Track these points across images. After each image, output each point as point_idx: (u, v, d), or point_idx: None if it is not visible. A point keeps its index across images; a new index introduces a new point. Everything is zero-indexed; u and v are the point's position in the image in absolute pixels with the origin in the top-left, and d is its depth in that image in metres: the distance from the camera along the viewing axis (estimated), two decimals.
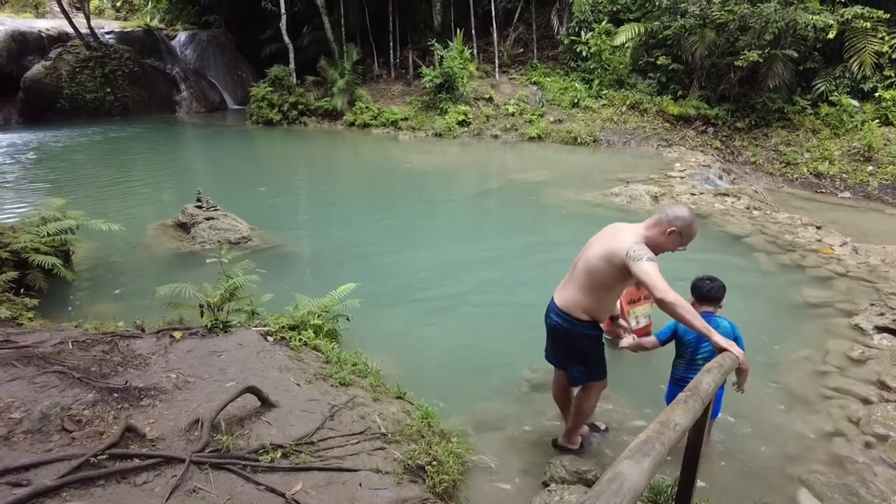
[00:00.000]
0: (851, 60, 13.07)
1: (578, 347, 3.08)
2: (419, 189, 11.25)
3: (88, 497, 2.21)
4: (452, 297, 6.02)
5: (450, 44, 16.95)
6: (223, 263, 4.55)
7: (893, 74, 12.93)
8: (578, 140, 14.56)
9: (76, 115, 18.79)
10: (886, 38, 12.79)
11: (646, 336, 4.54)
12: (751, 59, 12.89)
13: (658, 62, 15.29)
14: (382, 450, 2.99)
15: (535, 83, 17.29)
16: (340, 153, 15.35)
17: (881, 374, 4.31)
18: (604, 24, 16.30)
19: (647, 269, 2.63)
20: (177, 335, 4.01)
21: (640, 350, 4.04)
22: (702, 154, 13.22)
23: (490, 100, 16.80)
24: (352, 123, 17.10)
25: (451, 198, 10.48)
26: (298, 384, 3.50)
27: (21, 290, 5.09)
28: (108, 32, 21.40)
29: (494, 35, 18.27)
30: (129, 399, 3.06)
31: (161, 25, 24.79)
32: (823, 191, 11.98)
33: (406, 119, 16.68)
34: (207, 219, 7.45)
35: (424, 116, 16.65)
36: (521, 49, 19.14)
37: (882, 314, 5.25)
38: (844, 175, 12.02)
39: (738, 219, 8.42)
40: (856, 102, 13.11)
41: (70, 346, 3.67)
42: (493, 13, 18.17)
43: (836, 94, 13.30)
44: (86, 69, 19.01)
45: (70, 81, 18.68)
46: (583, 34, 16.66)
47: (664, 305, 2.61)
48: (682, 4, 14.26)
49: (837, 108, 13.15)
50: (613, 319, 3.42)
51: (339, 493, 2.59)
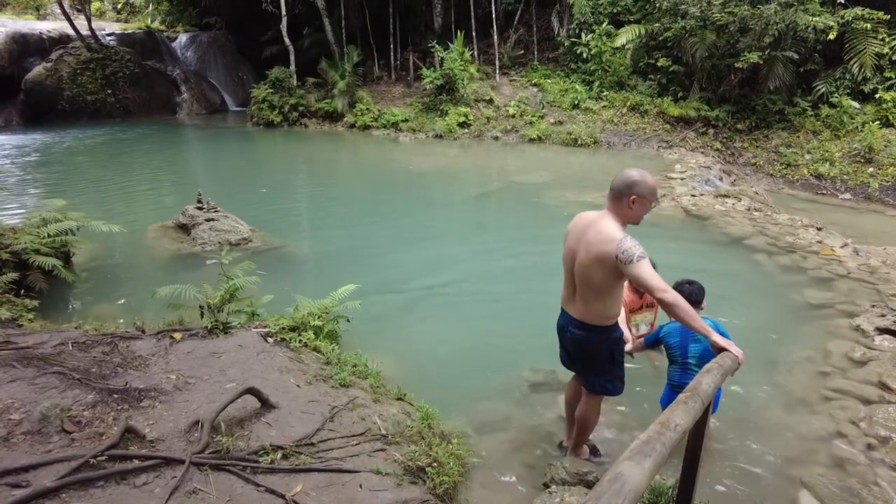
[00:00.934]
0: (852, 62, 13.07)
1: (607, 358, 2.99)
2: (420, 191, 11.24)
3: (88, 498, 2.21)
4: (453, 299, 6.02)
5: (450, 45, 16.95)
6: (223, 265, 4.55)
7: (894, 76, 12.93)
8: (579, 142, 14.56)
9: (77, 117, 18.80)
10: (887, 40, 12.79)
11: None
12: (751, 61, 12.89)
13: (658, 64, 15.29)
14: (383, 451, 2.99)
15: (536, 85, 17.30)
16: (341, 155, 15.35)
17: (882, 376, 4.31)
18: (604, 26, 16.31)
19: (642, 272, 2.57)
20: (177, 336, 4.01)
21: (640, 351, 4.07)
22: (702, 155, 13.21)
23: (490, 101, 16.81)
24: (352, 125, 17.10)
25: (452, 199, 10.48)
26: (298, 385, 3.50)
27: (21, 292, 5.09)
28: (109, 34, 21.40)
29: (495, 37, 18.28)
30: (129, 400, 3.05)
31: (162, 27, 24.82)
32: (824, 192, 11.97)
33: (406, 121, 16.68)
34: (208, 220, 7.45)
35: (425, 118, 16.65)
36: (522, 51, 19.14)
37: (883, 315, 5.24)
38: (845, 176, 12.01)
39: (739, 220, 8.41)
40: (856, 104, 13.11)
41: (70, 348, 3.67)
42: (494, 15, 18.17)
43: (837, 96, 13.30)
44: (87, 71, 19.02)
45: (71, 83, 18.68)
46: (583, 36, 16.67)
47: (663, 304, 2.60)
48: (683, 6, 14.26)
49: (838, 110, 13.15)
50: None
51: (340, 495, 2.58)
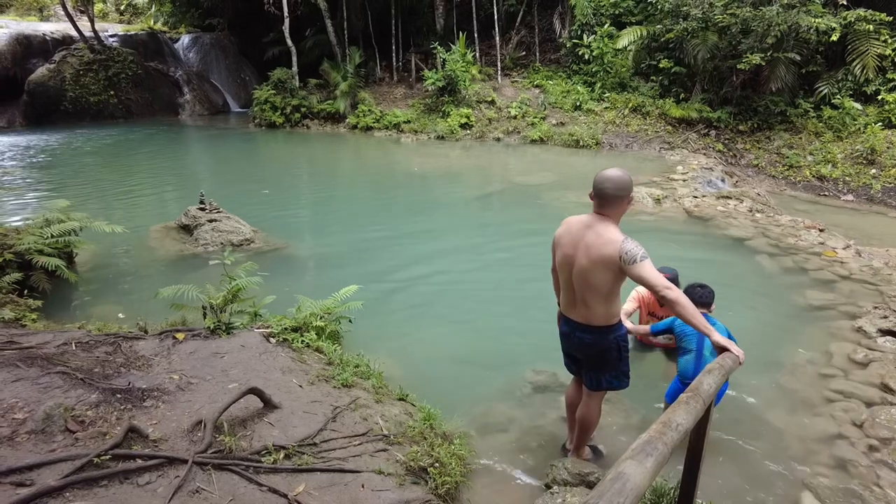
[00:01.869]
0: (854, 63, 13.06)
1: (616, 356, 3.02)
2: (422, 191, 11.25)
3: (92, 497, 2.22)
4: (455, 299, 6.02)
5: (452, 47, 16.97)
6: (226, 265, 4.56)
7: None
8: (581, 143, 14.56)
9: (80, 118, 18.85)
10: (889, 41, 12.78)
11: (665, 346, 4.64)
12: (753, 63, 12.88)
13: (660, 65, 15.30)
14: (385, 451, 2.99)
15: (538, 86, 17.31)
16: (343, 156, 15.37)
17: (885, 377, 4.30)
18: (606, 28, 16.33)
19: (645, 272, 2.63)
20: (179, 337, 4.02)
21: (638, 335, 4.19)
22: (704, 157, 13.21)
23: (492, 103, 16.82)
24: (354, 126, 17.13)
25: (454, 200, 10.48)
26: (301, 386, 3.50)
27: (25, 292, 5.10)
28: (112, 35, 21.44)
29: (497, 38, 18.30)
30: (132, 400, 3.06)
31: (165, 28, 24.89)
32: (826, 194, 11.95)
33: (408, 122, 16.70)
34: (210, 221, 7.46)
35: (427, 119, 16.67)
36: (524, 52, 19.16)
37: (885, 317, 5.24)
38: (847, 178, 12.00)
39: (741, 221, 8.40)
40: (858, 105, 13.10)
41: (73, 348, 3.68)
42: (496, 16, 18.19)
43: (839, 97, 13.29)
44: (90, 72, 19.08)
45: (74, 84, 18.73)
46: (585, 37, 16.68)
47: (665, 301, 2.61)
48: (685, 7, 14.27)
49: (840, 111, 13.14)
50: None
51: (342, 495, 2.59)
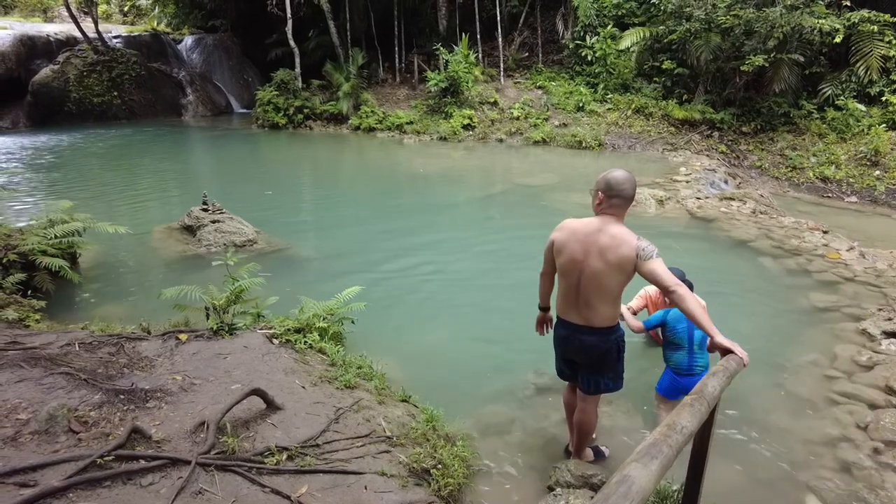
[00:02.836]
0: (858, 64, 13.04)
1: (615, 357, 3.02)
2: (424, 192, 11.25)
3: (95, 498, 2.22)
4: (458, 301, 6.02)
5: (455, 48, 16.97)
6: (229, 266, 4.56)
7: None
8: (583, 144, 14.55)
9: (83, 119, 18.89)
10: (893, 42, 12.75)
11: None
12: (756, 64, 12.86)
13: (663, 66, 15.29)
14: (387, 453, 2.99)
15: (540, 87, 17.31)
16: (346, 157, 15.38)
17: (889, 380, 4.28)
18: (609, 29, 16.32)
19: (658, 268, 2.66)
20: (182, 337, 4.02)
21: (640, 332, 4.25)
22: (707, 158, 13.18)
23: (495, 104, 16.81)
24: (357, 127, 17.13)
25: (456, 201, 10.48)
26: (304, 387, 3.50)
27: (28, 292, 5.11)
28: (116, 37, 21.49)
29: (499, 39, 18.31)
30: (135, 401, 3.06)
31: (168, 30, 24.95)
32: (830, 195, 11.92)
33: (411, 123, 16.71)
34: (213, 222, 7.47)
35: (429, 120, 16.68)
36: (526, 53, 19.16)
37: (890, 319, 5.22)
38: (851, 180, 11.96)
39: (744, 223, 8.38)
40: (862, 107, 13.06)
41: (76, 348, 3.69)
42: (498, 18, 18.20)
43: (843, 99, 13.26)
44: (93, 73, 19.12)
45: (77, 85, 18.78)
46: (588, 38, 16.68)
47: (675, 298, 2.61)
48: (688, 9, 14.26)
49: (844, 113, 13.10)
50: None
51: (345, 496, 2.58)
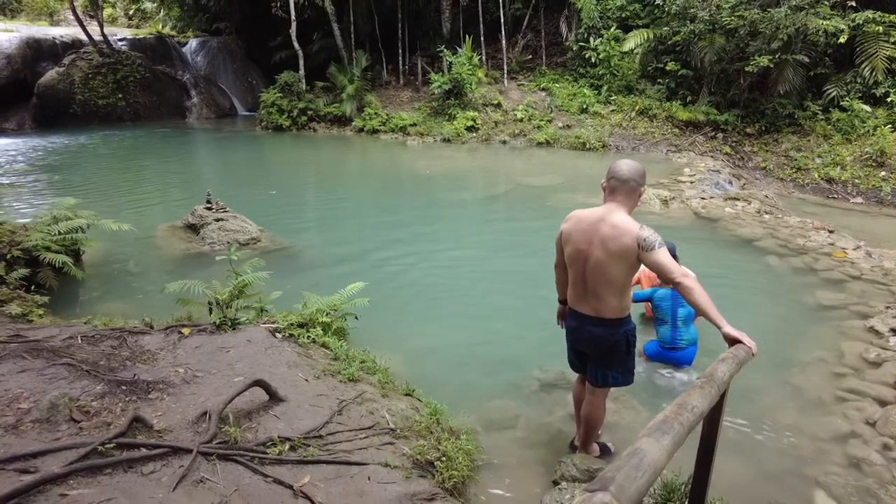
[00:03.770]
0: (863, 65, 12.97)
1: (624, 350, 2.97)
2: (428, 193, 11.24)
3: (96, 485, 2.20)
4: (461, 297, 6.00)
5: (458, 50, 16.98)
6: (232, 261, 4.55)
7: None
8: (587, 145, 14.52)
9: (88, 121, 18.98)
10: None
11: None
12: (761, 65, 12.81)
13: (667, 68, 15.24)
14: (391, 445, 2.96)
15: (544, 89, 17.30)
16: (349, 158, 15.39)
17: None
18: (613, 31, 16.30)
19: (662, 258, 2.62)
20: (185, 331, 4.00)
21: None
22: (711, 159, 13.13)
23: (498, 106, 16.81)
24: (361, 129, 17.15)
25: (460, 201, 10.46)
26: (307, 380, 3.48)
27: (32, 288, 5.11)
28: (121, 39, 21.63)
29: (503, 42, 18.32)
30: (137, 392, 3.04)
31: (173, 32, 25.08)
32: (835, 196, 11.85)
33: (415, 125, 16.72)
34: (217, 220, 7.47)
35: (433, 122, 16.68)
36: (530, 55, 19.16)
37: None
38: (856, 180, 11.89)
39: (749, 222, 8.33)
40: (868, 107, 12.99)
41: (79, 341, 3.68)
42: (502, 20, 18.21)
43: (848, 100, 13.18)
44: (98, 75, 19.23)
45: (83, 87, 18.89)
46: (591, 40, 16.66)
47: (681, 288, 2.58)
48: (692, 10, 14.23)
49: (849, 114, 13.04)
50: None
51: (348, 487, 2.56)
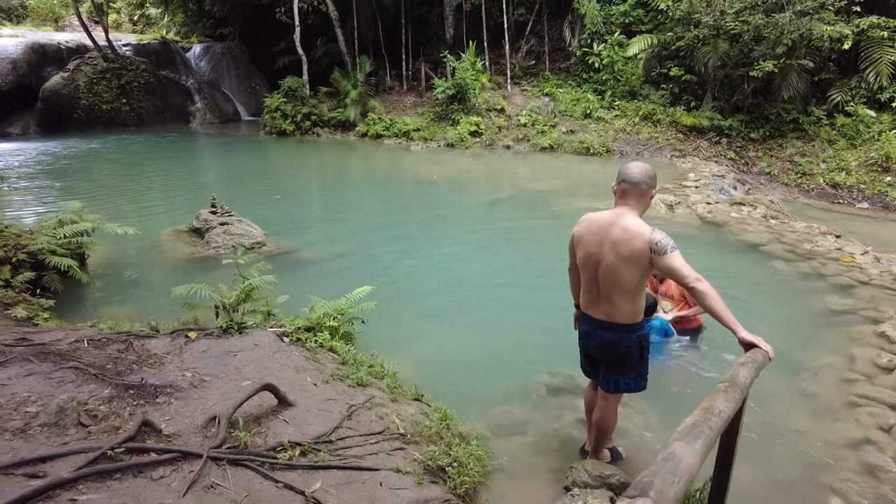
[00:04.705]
0: (867, 70, 12.97)
1: (637, 356, 2.93)
2: (431, 197, 11.23)
3: (105, 490, 2.16)
4: (468, 302, 5.97)
5: (462, 56, 17.03)
6: (239, 265, 4.52)
7: None
8: (591, 150, 14.52)
9: (92, 126, 19.06)
10: None
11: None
12: (765, 70, 12.82)
13: (671, 73, 15.27)
14: (402, 450, 2.92)
15: (548, 94, 17.32)
16: (353, 163, 15.41)
17: None
18: (616, 36, 16.34)
19: (675, 262, 2.56)
20: (192, 335, 3.97)
21: None
22: (716, 164, 13.12)
23: (502, 111, 16.83)
24: (364, 134, 17.18)
25: (464, 205, 10.45)
26: (315, 384, 3.44)
27: (37, 291, 5.10)
28: (126, 45, 21.73)
29: (506, 47, 18.36)
30: (145, 396, 3.01)
31: (177, 38, 25.20)
32: (840, 201, 11.82)
33: (418, 130, 16.74)
34: (222, 224, 7.46)
35: (436, 127, 16.70)
36: (533, 61, 19.20)
37: None
38: (862, 186, 11.87)
39: (755, 227, 8.30)
40: (872, 113, 12.99)
41: (85, 345, 3.65)
42: (506, 26, 18.26)
43: (852, 105, 13.19)
44: (103, 80, 19.31)
45: (87, 92, 18.96)
46: (595, 46, 16.70)
47: (695, 293, 2.53)
48: (696, 15, 14.26)
49: (854, 119, 13.03)
50: None
51: (360, 492, 2.52)
